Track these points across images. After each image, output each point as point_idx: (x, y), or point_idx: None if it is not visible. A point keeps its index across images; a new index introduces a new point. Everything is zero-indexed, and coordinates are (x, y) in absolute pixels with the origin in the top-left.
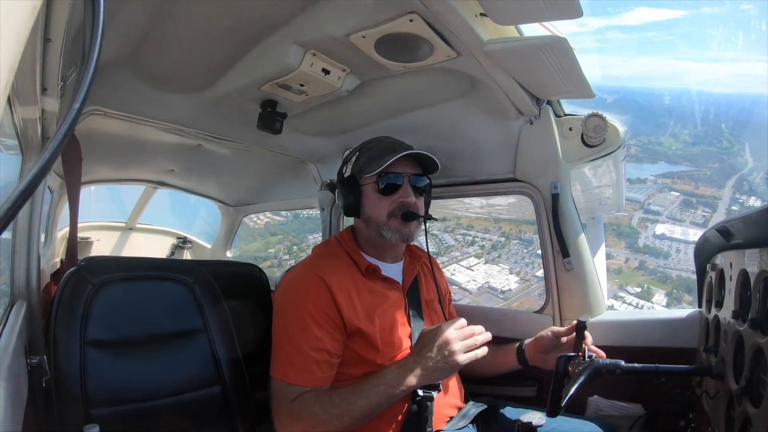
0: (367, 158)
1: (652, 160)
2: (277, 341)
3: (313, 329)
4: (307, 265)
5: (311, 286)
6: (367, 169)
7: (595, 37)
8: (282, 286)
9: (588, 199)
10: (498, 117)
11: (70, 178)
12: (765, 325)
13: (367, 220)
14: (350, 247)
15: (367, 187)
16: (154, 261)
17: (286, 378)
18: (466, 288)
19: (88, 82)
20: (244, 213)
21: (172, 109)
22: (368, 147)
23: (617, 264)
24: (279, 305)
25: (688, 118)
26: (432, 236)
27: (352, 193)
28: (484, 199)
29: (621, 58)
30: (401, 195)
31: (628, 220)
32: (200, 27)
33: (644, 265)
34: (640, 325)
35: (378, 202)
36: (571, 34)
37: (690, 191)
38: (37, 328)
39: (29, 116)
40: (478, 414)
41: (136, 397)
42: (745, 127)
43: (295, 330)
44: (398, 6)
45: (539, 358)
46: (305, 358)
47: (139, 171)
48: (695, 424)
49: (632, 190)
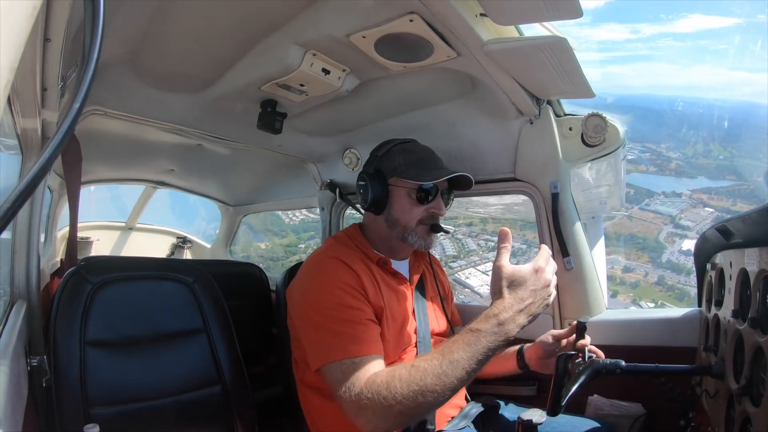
0: (406, 162)
1: (691, 175)
2: (316, 328)
3: (351, 302)
4: (325, 253)
5: (335, 268)
6: (406, 174)
7: (648, 44)
8: (300, 278)
9: (588, 199)
10: (498, 117)
11: (70, 178)
12: (765, 324)
13: (393, 222)
14: (360, 242)
15: (399, 189)
16: (154, 261)
17: (348, 353)
18: (477, 291)
19: (88, 82)
20: (244, 213)
21: (172, 109)
22: (404, 148)
23: (635, 278)
24: (301, 295)
25: (739, 129)
26: (456, 240)
27: (381, 189)
28: (498, 198)
29: (675, 66)
30: (434, 207)
31: (656, 233)
32: (200, 27)
33: (663, 280)
34: (640, 324)
35: (411, 207)
36: (623, 41)
37: (726, 207)
38: (37, 328)
39: (29, 116)
40: (479, 414)
41: (136, 396)
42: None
43: (333, 309)
44: (398, 6)
45: (540, 363)
46: (359, 329)
47: (139, 171)
48: (695, 423)
49: (665, 203)
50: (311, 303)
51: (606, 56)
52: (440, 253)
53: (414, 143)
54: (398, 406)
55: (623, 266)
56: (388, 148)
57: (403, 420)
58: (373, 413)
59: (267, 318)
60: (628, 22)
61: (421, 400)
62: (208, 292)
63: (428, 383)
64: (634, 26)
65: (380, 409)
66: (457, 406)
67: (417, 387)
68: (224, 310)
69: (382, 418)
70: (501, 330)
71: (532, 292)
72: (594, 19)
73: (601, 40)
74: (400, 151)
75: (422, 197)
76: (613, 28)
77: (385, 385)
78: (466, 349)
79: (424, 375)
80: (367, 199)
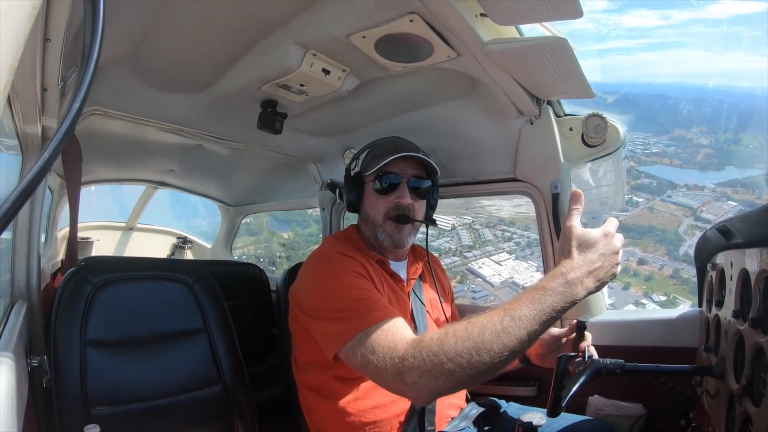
0: (372, 156)
1: (719, 167)
2: (330, 315)
3: (362, 283)
4: (327, 248)
5: (341, 259)
6: (369, 167)
7: (679, 30)
8: (304, 274)
9: (588, 199)
10: (498, 117)
11: (70, 178)
12: (765, 324)
13: (365, 219)
14: (357, 243)
15: (368, 185)
16: (154, 261)
17: (374, 319)
18: (489, 281)
19: (88, 82)
20: (244, 213)
21: (173, 109)
22: (375, 145)
23: (650, 270)
24: (307, 289)
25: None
26: (473, 230)
27: (354, 190)
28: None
29: (706, 53)
30: (397, 195)
31: (676, 225)
32: (200, 27)
33: (678, 273)
34: (640, 324)
35: (376, 201)
36: (653, 27)
37: (751, 201)
38: (38, 328)
39: (29, 116)
40: (479, 414)
41: (137, 396)
42: None
43: (345, 292)
44: (398, 6)
45: (541, 358)
46: (378, 301)
47: (139, 171)
48: (695, 423)
49: (687, 196)
50: (320, 294)
51: (636, 43)
52: (457, 243)
53: (387, 139)
54: (449, 364)
55: (639, 258)
56: (366, 148)
57: (454, 381)
58: (420, 373)
59: (267, 318)
60: (658, 8)
61: (476, 359)
62: (209, 292)
63: (486, 339)
64: (665, 12)
65: (429, 367)
66: (457, 406)
67: (473, 343)
68: (224, 310)
69: (431, 377)
70: (568, 290)
71: (601, 255)
72: (623, 5)
73: (632, 26)
74: (371, 148)
75: (385, 188)
76: (643, 14)
77: (438, 341)
78: (530, 306)
79: (482, 330)
80: (344, 201)
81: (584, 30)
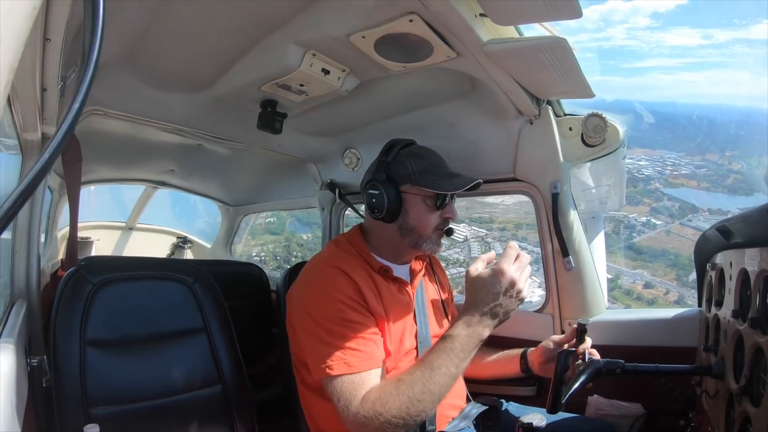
0: (420, 168)
1: (747, 192)
2: (316, 339)
3: (351, 315)
4: (325, 261)
5: (335, 278)
6: (421, 181)
7: (721, 50)
8: (299, 284)
9: (588, 199)
10: (498, 117)
11: (70, 178)
12: (765, 324)
13: (409, 230)
14: (361, 248)
15: (415, 197)
16: (154, 261)
17: (352, 368)
18: None
19: (88, 82)
20: (244, 213)
21: (172, 109)
22: (412, 153)
23: (654, 295)
24: (300, 302)
25: None
26: (484, 243)
27: (395, 198)
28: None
29: (749, 74)
30: (448, 212)
31: (691, 250)
32: (200, 27)
33: (683, 299)
34: (639, 324)
35: (428, 215)
36: (695, 46)
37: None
38: (37, 328)
39: (29, 116)
40: (479, 414)
41: (136, 396)
42: None
43: (333, 323)
44: (398, 6)
45: (542, 367)
46: (360, 343)
47: (139, 171)
48: (695, 423)
49: (708, 221)
50: (310, 313)
51: (678, 62)
52: (466, 255)
53: (421, 147)
54: (395, 420)
55: (645, 282)
56: (396, 153)
57: (404, 428)
58: (374, 429)
59: (267, 318)
60: (700, 27)
61: (414, 409)
62: (208, 292)
63: (416, 391)
64: (707, 31)
65: (377, 425)
66: (457, 407)
67: (407, 398)
68: (224, 310)
69: (383, 430)
70: (473, 332)
71: (494, 294)
72: (665, 22)
73: (673, 45)
74: (409, 156)
75: (438, 204)
76: (685, 33)
77: (379, 402)
78: (442, 355)
79: (411, 386)
80: (382, 208)
81: (626, 47)
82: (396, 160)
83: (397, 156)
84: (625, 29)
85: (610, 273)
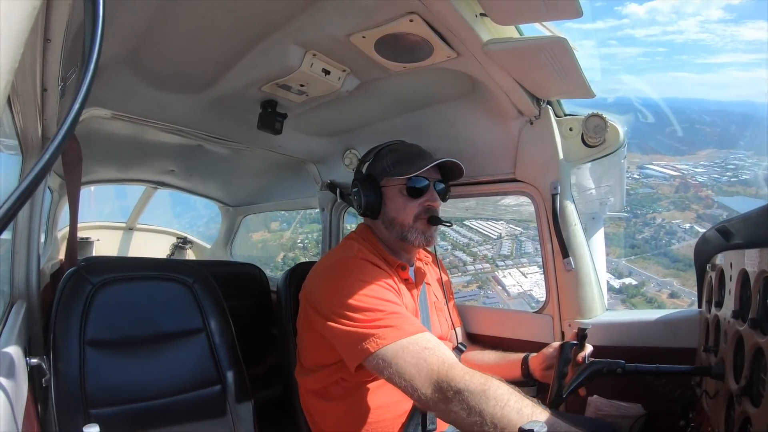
0: (393, 161)
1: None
2: (357, 325)
3: (392, 297)
4: (354, 255)
5: (369, 267)
6: (394, 172)
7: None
8: (326, 281)
9: (588, 199)
10: (498, 117)
11: (70, 178)
12: (765, 324)
13: (390, 222)
14: (377, 246)
15: (391, 189)
16: (154, 261)
17: (406, 333)
18: (507, 290)
19: (88, 83)
20: (244, 213)
21: (173, 109)
22: (391, 149)
23: (678, 304)
24: (330, 297)
25: None
26: (517, 242)
27: (373, 194)
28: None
29: None
30: (427, 199)
31: None
32: (200, 27)
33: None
34: (639, 325)
35: (405, 204)
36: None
37: None
38: (37, 328)
39: (29, 116)
40: None
41: (136, 396)
42: None
43: (376, 304)
44: (398, 6)
45: (543, 373)
46: (402, 313)
47: (139, 171)
48: (695, 423)
49: None
50: (346, 304)
51: (753, 58)
52: (494, 253)
53: (401, 143)
54: (485, 426)
55: (671, 291)
56: (376, 152)
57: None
58: (455, 417)
59: (267, 318)
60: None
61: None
62: (208, 292)
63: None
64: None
65: (464, 416)
66: None
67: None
68: (224, 310)
69: (465, 424)
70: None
71: None
72: (739, 15)
73: (749, 39)
74: (387, 152)
75: (414, 192)
76: (761, 26)
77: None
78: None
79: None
80: (361, 205)
81: (699, 41)
82: (375, 158)
83: (377, 154)
84: (698, 22)
85: (636, 279)
